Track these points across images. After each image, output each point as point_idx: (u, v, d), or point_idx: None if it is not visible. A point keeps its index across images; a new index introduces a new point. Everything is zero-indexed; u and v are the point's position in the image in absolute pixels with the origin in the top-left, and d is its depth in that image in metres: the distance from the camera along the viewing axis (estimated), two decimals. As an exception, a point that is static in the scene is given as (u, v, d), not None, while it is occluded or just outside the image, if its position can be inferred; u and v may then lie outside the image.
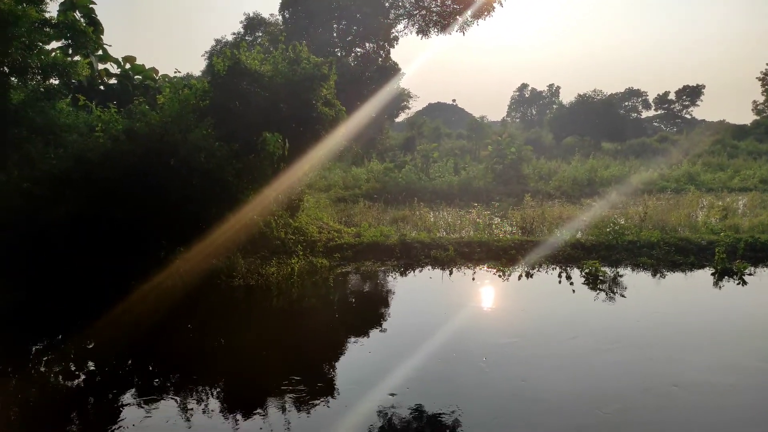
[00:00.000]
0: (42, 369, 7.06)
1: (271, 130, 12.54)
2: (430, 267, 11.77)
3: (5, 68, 12.12)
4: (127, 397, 6.13)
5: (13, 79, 12.63)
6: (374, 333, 8.11)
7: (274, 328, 8.54)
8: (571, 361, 6.96)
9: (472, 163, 28.68)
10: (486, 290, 10.26)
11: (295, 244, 12.49)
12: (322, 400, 5.99)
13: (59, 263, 9.83)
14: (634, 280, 10.85)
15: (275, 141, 12.20)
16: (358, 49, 45.27)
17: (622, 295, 9.77)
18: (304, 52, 14.24)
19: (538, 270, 11.45)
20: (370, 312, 9.23)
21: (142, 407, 5.89)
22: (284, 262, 11.44)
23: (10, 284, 9.41)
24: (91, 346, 7.66)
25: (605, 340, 7.64)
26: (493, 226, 15.17)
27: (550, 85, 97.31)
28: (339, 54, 44.05)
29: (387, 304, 9.65)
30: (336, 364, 7.11)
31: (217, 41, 53.75)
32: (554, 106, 78.34)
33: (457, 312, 8.96)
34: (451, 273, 11.33)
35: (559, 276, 11.02)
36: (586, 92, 56.38)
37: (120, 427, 5.49)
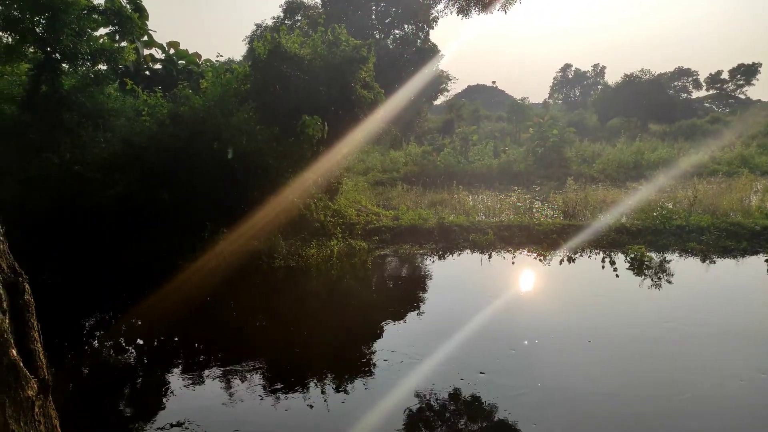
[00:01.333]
0: (95, 344, 7.40)
1: (311, 113, 12.61)
2: (468, 251, 11.69)
3: (57, 55, 12.58)
4: (175, 372, 6.36)
5: (64, 65, 13.11)
6: (412, 316, 8.13)
7: (314, 308, 8.67)
8: (616, 349, 6.81)
9: (512, 146, 28.14)
10: (525, 274, 10.12)
11: (334, 227, 12.60)
12: (360, 380, 6.07)
13: (109, 243, 10.22)
14: (682, 266, 10.49)
15: (314, 124, 12.27)
16: (397, 31, 44.83)
17: (669, 281, 9.47)
18: (342, 34, 14.20)
19: (581, 255, 11.21)
20: (408, 295, 9.24)
21: (188, 382, 6.10)
22: (323, 245, 11.57)
23: (63, 263, 9.84)
24: (140, 323, 7.96)
25: (656, 327, 7.43)
26: (534, 210, 14.91)
27: (595, 65, 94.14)
28: (377, 36, 43.75)
29: (425, 287, 9.64)
30: (374, 345, 7.17)
31: (258, 26, 54.13)
32: (599, 87, 75.82)
33: (496, 296, 8.87)
34: (490, 257, 11.22)
35: (603, 261, 10.76)
36: (633, 72, 54.28)
37: (168, 400, 5.71)
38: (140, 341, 7.40)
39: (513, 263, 10.75)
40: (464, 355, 6.58)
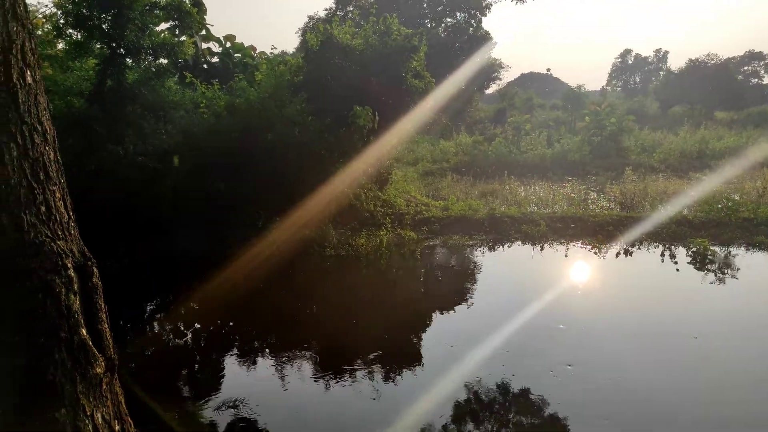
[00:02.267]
0: (155, 327, 7.77)
1: (362, 103, 12.68)
2: (519, 242, 11.48)
3: (122, 50, 13.15)
4: (229, 355, 6.60)
5: (128, 60, 13.69)
6: (461, 307, 8.09)
7: (364, 297, 8.77)
8: (680, 348, 6.54)
9: (567, 135, 27.32)
10: (579, 267, 9.86)
11: (383, 217, 12.65)
12: (408, 369, 6.10)
13: (169, 231, 10.67)
14: (749, 260, 9.94)
15: (365, 114, 12.34)
16: (449, 20, 44.26)
17: (734, 277, 8.99)
18: (394, 24, 14.16)
19: (638, 247, 10.80)
20: (457, 285, 9.19)
21: (242, 365, 6.32)
22: (373, 234, 11.64)
23: (126, 250, 10.35)
24: (197, 308, 8.28)
25: (722, 326, 7.09)
26: (589, 202, 14.47)
27: (657, 50, 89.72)
28: (429, 25, 43.35)
29: (474, 279, 9.56)
30: (422, 335, 7.19)
31: (310, 17, 54.73)
32: (661, 73, 72.29)
33: (547, 289, 8.66)
34: (542, 249, 10.99)
35: (662, 255, 10.34)
36: (698, 57, 51.47)
37: (223, 382, 5.94)
38: (197, 325, 7.71)
39: (566, 255, 10.49)
40: (513, 348, 6.50)
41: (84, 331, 3.38)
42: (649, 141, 26.05)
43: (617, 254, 10.44)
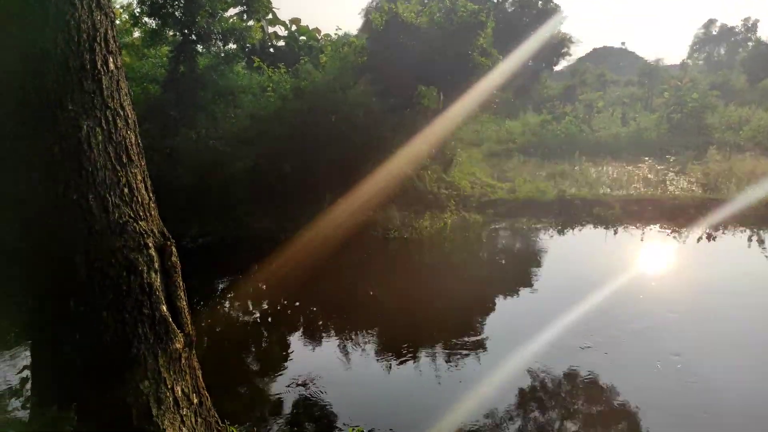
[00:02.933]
0: (226, 304, 8.07)
1: (426, 83, 12.50)
2: (591, 225, 11.02)
3: (193, 36, 13.60)
4: (296, 334, 6.76)
5: (199, 46, 14.15)
6: (527, 292, 7.88)
7: (428, 280, 8.72)
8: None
9: (643, 113, 25.89)
10: (656, 252, 9.34)
11: (447, 199, 12.49)
12: (471, 353, 6.01)
13: (238, 212, 11.03)
14: None
15: (430, 95, 12.16)
16: (516, -7, 42.64)
17: (835, 266, 8.24)
18: (460, 0, 13.78)
19: (723, 232, 10.10)
20: (523, 270, 8.95)
21: (309, 344, 6.46)
22: (437, 216, 11.53)
23: (199, 229, 10.78)
24: (265, 287, 8.51)
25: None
26: (668, 183, 13.64)
27: (746, 19, 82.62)
28: (495, 0, 42.00)
29: (542, 263, 9.28)
30: (486, 320, 7.06)
31: (373, -3, 54.40)
32: (750, 44, 66.74)
33: (619, 275, 8.22)
34: (615, 232, 10.50)
35: (749, 239, 9.61)
36: (794, 24, 46.87)
37: (291, 360, 6.09)
38: (265, 303, 7.94)
39: (641, 240, 9.97)
40: (580, 336, 6.25)
41: (164, 308, 3.53)
42: (735, 117, 24.18)
43: (699, 239, 9.80)
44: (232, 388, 5.40)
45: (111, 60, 3.73)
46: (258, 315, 7.60)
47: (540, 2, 41.63)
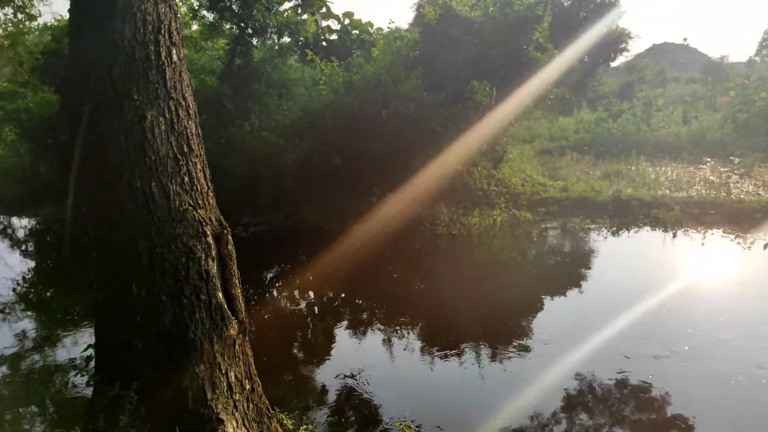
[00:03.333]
0: (273, 294, 8.20)
1: (478, 77, 12.30)
2: (648, 228, 10.59)
3: (249, 29, 13.86)
4: (343, 326, 6.80)
5: (254, 40, 14.41)
6: (577, 295, 7.65)
7: (475, 277, 8.59)
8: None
9: (706, 112, 24.67)
10: (718, 258, 8.88)
11: (497, 196, 12.28)
12: (515, 353, 5.89)
13: (289, 203, 11.20)
14: None
15: (483, 90, 11.97)
16: (573, -13, 41.36)
17: None
18: (516, -7, 13.47)
19: (793, 240, 9.50)
20: (574, 271, 8.69)
21: (356, 336, 6.48)
22: (486, 214, 11.35)
23: (252, 219, 11.02)
24: (312, 278, 8.60)
25: None
26: (731, 186, 12.94)
27: (823, 13, 77.42)
28: (551, -6, 40.86)
29: (595, 265, 8.98)
30: (533, 320, 6.90)
31: (425, -9, 53.96)
32: (826, 39, 62.47)
33: (677, 281, 7.86)
34: (674, 236, 10.05)
35: (824, 249, 9.01)
36: None
37: (338, 351, 6.13)
38: (314, 295, 8.03)
39: (702, 244, 9.51)
40: (632, 343, 6.01)
41: (220, 295, 3.61)
42: (809, 118, 22.69)
43: (766, 245, 9.26)
44: (279, 375, 5.48)
45: (174, 51, 3.82)
46: (306, 305, 7.69)
47: (598, -4, 40.22)
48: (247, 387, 3.66)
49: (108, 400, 3.24)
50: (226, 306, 3.61)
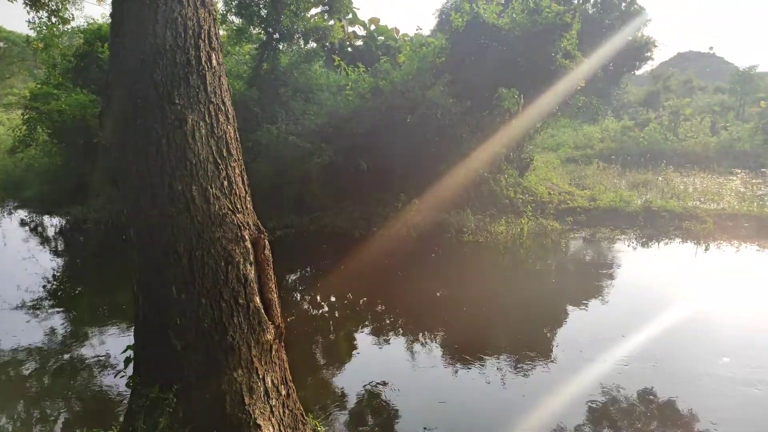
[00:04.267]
0: (296, 294, 8.20)
1: (506, 84, 12.20)
2: (679, 240, 10.37)
3: (276, 34, 13.98)
4: (367, 331, 6.75)
5: (282, 45, 14.53)
6: (604, 307, 7.49)
7: (501, 287, 8.49)
8: None
9: (735, 122, 24.20)
10: (751, 273, 8.63)
11: (524, 204, 12.15)
12: (539, 363, 5.78)
13: (315, 207, 11.22)
14: None
15: (511, 97, 11.85)
16: (599, -6, 40.98)
17: None
18: (545, 0, 13.36)
19: (832, 255, 9.22)
20: (603, 282, 8.53)
21: (374, 342, 6.43)
22: (513, 222, 11.22)
23: (278, 222, 11.06)
24: (336, 281, 8.56)
25: None
26: (766, 198, 12.63)
27: None
28: (575, 1, 40.53)
29: (625, 277, 8.81)
30: (558, 331, 6.78)
31: (448, -2, 53.93)
32: None
33: (708, 296, 7.66)
34: (706, 249, 9.82)
35: None
36: None
37: (366, 358, 6.09)
38: (339, 300, 8.00)
39: (736, 259, 9.26)
40: (657, 357, 5.86)
41: (258, 299, 3.60)
42: (844, 130, 22.10)
43: (804, 261, 9.00)
44: (306, 381, 5.46)
45: (214, 56, 3.85)
46: (331, 310, 7.67)
47: (623, 4, 39.77)
48: (283, 392, 3.64)
49: (147, 401, 3.24)
50: (263, 311, 3.61)
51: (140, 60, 3.59)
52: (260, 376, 3.46)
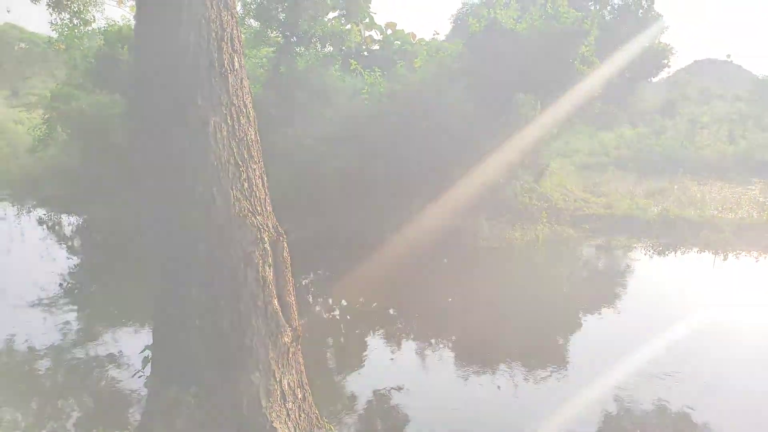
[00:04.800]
0: (309, 298, 8.19)
1: (523, 90, 12.15)
2: (697, 249, 10.22)
3: (294, 38, 14.06)
4: (374, 335, 6.74)
5: (299, 48, 14.60)
6: (618, 316, 7.41)
7: (515, 293, 8.41)
8: None
9: (754, 131, 23.83)
10: (773, 284, 8.50)
11: (539, 211, 12.05)
12: (553, 373, 5.72)
13: (330, 210, 11.23)
14: None
15: (528, 103, 11.79)
16: (616, 1, 40.73)
17: None
18: (563, 7, 13.29)
19: None
20: (619, 291, 8.44)
21: (387, 347, 6.41)
22: (528, 228, 11.14)
23: (293, 225, 11.07)
24: (349, 285, 8.52)
25: None
26: (786, 208, 12.42)
27: None
28: (592, 8, 40.30)
29: (642, 287, 8.71)
30: (572, 339, 6.71)
31: (464, 3, 53.86)
32: None
33: (726, 307, 7.53)
34: (725, 259, 9.67)
35: None
36: None
37: (365, 361, 6.07)
38: (353, 304, 7.98)
39: (756, 269, 9.11)
40: (672, 367, 5.76)
41: (276, 302, 3.60)
42: None
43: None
44: (319, 385, 5.45)
45: (236, 59, 3.87)
46: (344, 314, 7.67)
47: (640, 11, 39.48)
48: (300, 396, 3.64)
49: (165, 402, 3.25)
50: (281, 313, 3.61)
51: (163, 62, 3.61)
52: (277, 379, 3.46)
